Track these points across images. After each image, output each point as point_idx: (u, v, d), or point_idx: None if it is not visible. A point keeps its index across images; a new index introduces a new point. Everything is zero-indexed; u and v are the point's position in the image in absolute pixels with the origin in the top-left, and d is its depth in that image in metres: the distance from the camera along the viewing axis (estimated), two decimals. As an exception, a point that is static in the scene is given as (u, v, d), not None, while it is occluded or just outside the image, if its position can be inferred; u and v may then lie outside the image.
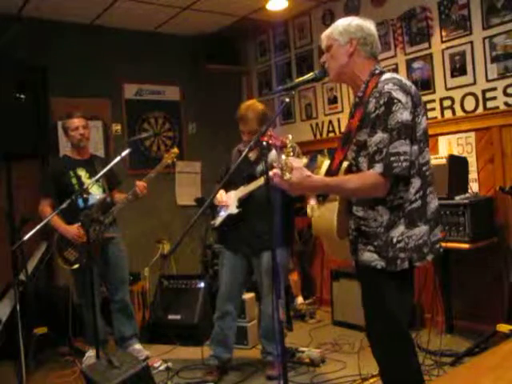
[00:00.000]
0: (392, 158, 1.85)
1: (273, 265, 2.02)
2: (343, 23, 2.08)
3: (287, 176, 1.82)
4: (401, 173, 1.86)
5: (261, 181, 3.11)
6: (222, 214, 3.34)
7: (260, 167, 3.23)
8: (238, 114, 3.32)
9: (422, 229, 1.96)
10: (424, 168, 1.98)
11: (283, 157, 1.83)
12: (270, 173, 1.99)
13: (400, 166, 1.85)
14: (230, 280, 3.39)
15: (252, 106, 3.33)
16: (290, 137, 1.85)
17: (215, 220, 3.40)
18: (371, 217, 1.96)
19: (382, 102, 1.89)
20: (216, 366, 3.40)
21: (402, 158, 1.85)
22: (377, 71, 2.05)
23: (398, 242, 1.93)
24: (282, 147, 1.80)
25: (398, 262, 1.92)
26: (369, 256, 1.98)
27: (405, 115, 1.87)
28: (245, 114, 3.27)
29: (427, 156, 2.00)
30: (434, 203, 2.02)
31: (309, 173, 1.88)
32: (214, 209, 3.44)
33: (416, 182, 1.95)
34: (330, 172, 2.04)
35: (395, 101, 1.87)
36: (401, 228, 1.93)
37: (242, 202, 3.26)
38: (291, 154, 1.83)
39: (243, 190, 3.26)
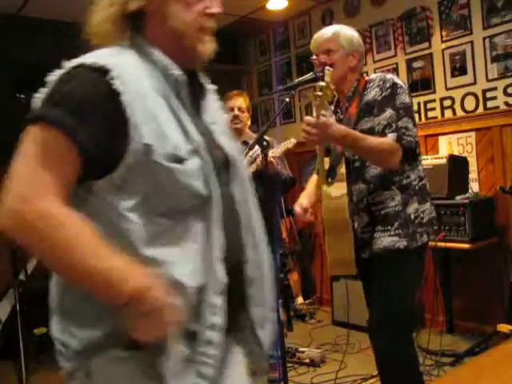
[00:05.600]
0: (402, 131, 2.01)
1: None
2: (348, 33, 2.18)
3: (323, 112, 1.90)
4: (407, 145, 2.01)
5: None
6: None
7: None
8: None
9: (429, 204, 2.14)
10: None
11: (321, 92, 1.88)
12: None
13: (407, 140, 2.01)
14: None
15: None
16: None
17: None
18: (388, 197, 2.08)
19: (387, 85, 2.06)
20: None
21: (407, 132, 2.02)
22: (364, 75, 2.23)
23: (416, 217, 2.07)
24: (331, 65, 2.03)
25: (417, 237, 2.06)
26: (389, 240, 2.06)
27: (407, 99, 2.06)
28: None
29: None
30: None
31: (334, 121, 2.01)
32: None
33: (422, 161, 2.17)
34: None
35: (398, 85, 2.06)
36: (415, 205, 2.08)
37: None
38: (329, 91, 1.90)
39: None
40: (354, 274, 2.15)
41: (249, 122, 3.39)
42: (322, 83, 1.88)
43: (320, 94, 1.86)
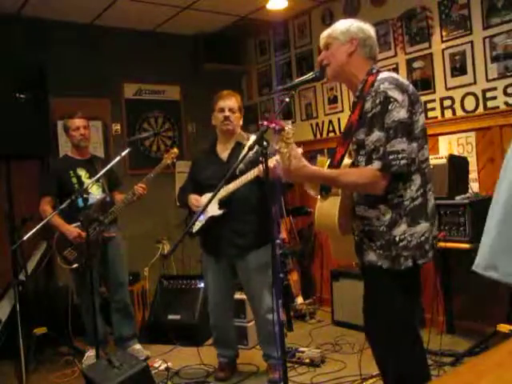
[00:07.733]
0: (390, 157, 1.87)
1: (272, 265, 2.02)
2: (344, 24, 2.12)
3: (286, 162, 1.84)
4: (398, 171, 1.88)
5: (246, 178, 3.01)
6: (201, 219, 3.20)
7: (241, 166, 2.99)
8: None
9: (424, 226, 1.97)
10: (423, 165, 2.00)
11: (282, 144, 1.83)
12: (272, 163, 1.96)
13: (398, 164, 1.87)
14: (217, 286, 3.32)
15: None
16: (290, 122, 1.87)
17: (193, 226, 3.24)
18: (373, 216, 1.98)
19: (377, 101, 1.91)
20: (226, 362, 3.43)
21: (399, 155, 1.87)
22: (374, 70, 2.07)
23: (401, 240, 1.94)
24: (280, 130, 1.81)
25: (401, 261, 1.93)
26: (374, 256, 1.99)
27: (401, 113, 1.89)
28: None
29: (426, 153, 2.02)
30: (432, 200, 2.04)
31: (306, 162, 1.89)
32: (191, 215, 3.34)
33: (417, 179, 1.96)
34: (331, 166, 2.07)
35: (391, 100, 1.89)
36: (403, 226, 1.94)
37: (223, 203, 3.14)
38: (290, 139, 1.83)
39: (225, 190, 3.10)
40: (355, 262, 2.13)
41: (241, 122, 3.29)
42: (277, 148, 1.83)
43: (283, 150, 1.82)
